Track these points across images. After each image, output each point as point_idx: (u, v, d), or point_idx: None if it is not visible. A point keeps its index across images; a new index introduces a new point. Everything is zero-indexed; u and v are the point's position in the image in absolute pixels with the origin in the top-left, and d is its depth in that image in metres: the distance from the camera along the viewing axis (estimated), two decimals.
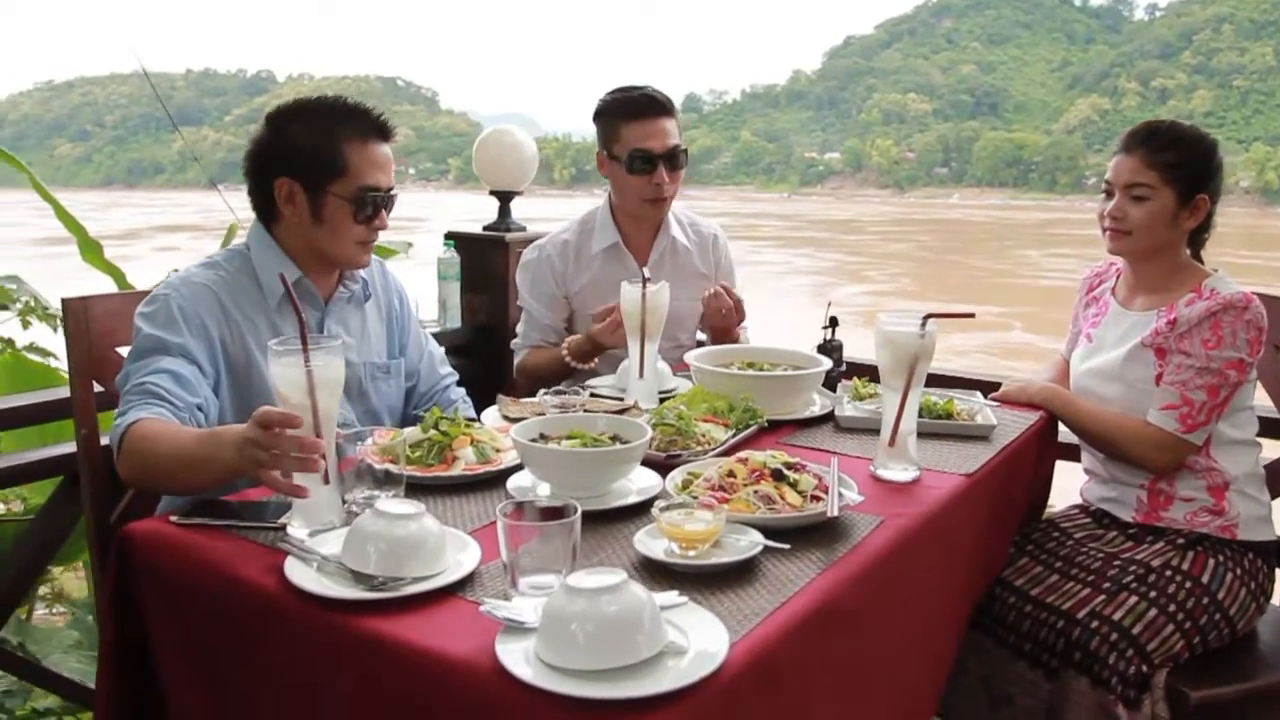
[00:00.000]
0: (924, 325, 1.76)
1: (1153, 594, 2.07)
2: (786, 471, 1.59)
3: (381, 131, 2.07)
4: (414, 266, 4.29)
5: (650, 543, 1.42)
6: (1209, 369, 2.09)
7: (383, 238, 2.18)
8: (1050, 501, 2.50)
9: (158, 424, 1.73)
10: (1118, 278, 2.39)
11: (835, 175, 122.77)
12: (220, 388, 1.95)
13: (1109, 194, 2.24)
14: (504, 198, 3.81)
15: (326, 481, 1.51)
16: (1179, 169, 2.16)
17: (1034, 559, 2.25)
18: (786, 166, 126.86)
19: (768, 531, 1.46)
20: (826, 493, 1.57)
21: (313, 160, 1.99)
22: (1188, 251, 2.27)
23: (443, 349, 2.53)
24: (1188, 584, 2.10)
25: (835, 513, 1.49)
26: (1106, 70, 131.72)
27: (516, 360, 2.92)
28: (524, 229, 3.72)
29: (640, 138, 2.67)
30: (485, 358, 3.72)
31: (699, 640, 1.16)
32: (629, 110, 2.70)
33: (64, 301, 2.16)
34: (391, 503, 1.40)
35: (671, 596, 1.24)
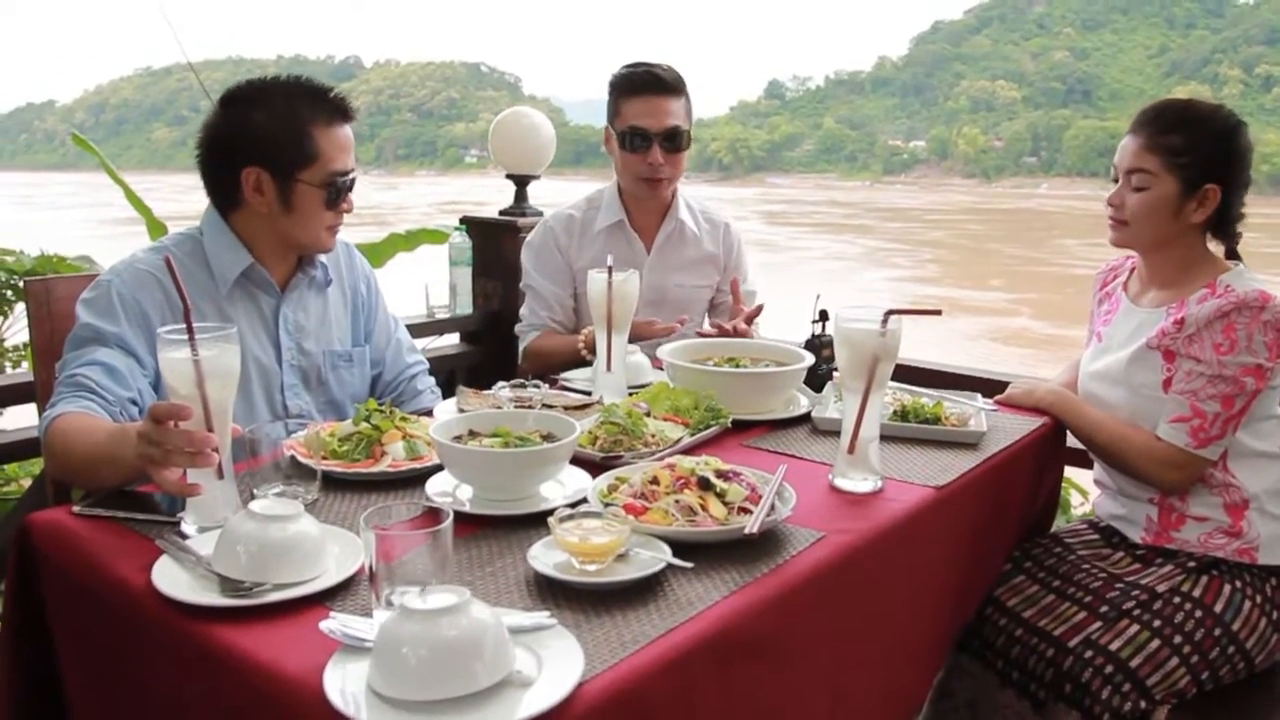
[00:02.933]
0: (885, 323, 1.60)
1: (1156, 623, 1.88)
2: (714, 480, 1.45)
3: (344, 113, 1.98)
4: None
5: (545, 555, 1.30)
6: (1222, 376, 1.89)
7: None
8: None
9: (79, 418, 1.67)
10: (1132, 272, 2.19)
11: (920, 164, 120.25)
12: (160, 379, 1.89)
13: (1115, 179, 2.04)
14: (520, 181, 3.72)
15: (221, 476, 1.43)
16: (1184, 155, 1.94)
17: (1030, 577, 2.07)
18: (870, 154, 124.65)
19: (681, 547, 1.33)
20: (757, 505, 1.43)
21: (281, 148, 1.91)
22: (1218, 245, 2.05)
23: (420, 343, 2.45)
24: (1197, 612, 1.90)
25: (755, 529, 1.35)
26: (1208, 56, 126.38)
27: (523, 343, 2.81)
28: (541, 214, 3.63)
29: (637, 114, 2.61)
30: (497, 344, 3.64)
31: (554, 670, 1.04)
32: (630, 86, 2.64)
33: (26, 283, 2.14)
34: (267, 502, 1.31)
35: (539, 618, 1.12)
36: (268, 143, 1.92)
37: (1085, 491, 3.09)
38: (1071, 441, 2.20)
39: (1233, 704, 1.92)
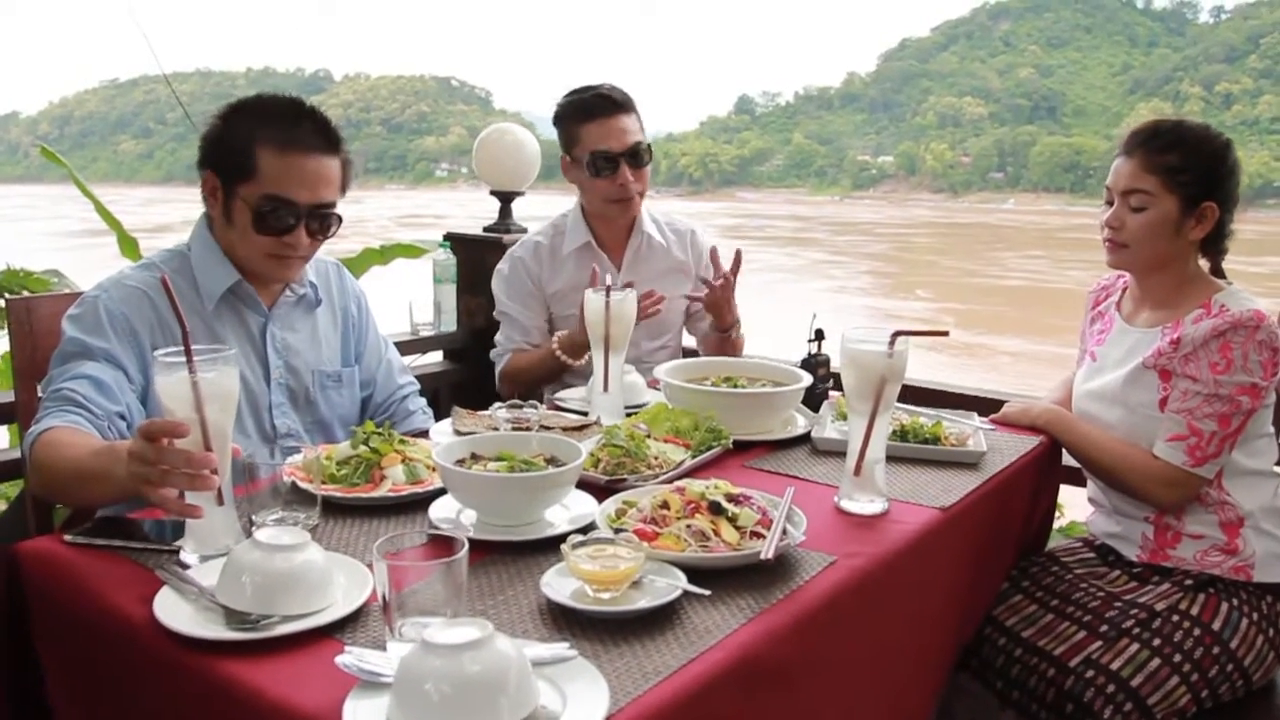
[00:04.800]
0: (892, 344, 1.60)
1: (1156, 641, 1.88)
2: (725, 504, 1.43)
3: (317, 142, 1.91)
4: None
5: (558, 583, 1.28)
6: (1218, 395, 1.90)
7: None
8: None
9: (66, 433, 1.63)
10: (1124, 291, 2.20)
11: (889, 179, 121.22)
12: (149, 396, 1.85)
13: (1109, 201, 2.05)
14: (505, 198, 3.70)
15: (221, 502, 1.39)
16: (1183, 174, 1.96)
17: (1029, 596, 2.07)
18: (839, 170, 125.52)
19: (695, 573, 1.31)
20: (769, 529, 1.41)
21: (228, 156, 1.89)
22: (1204, 263, 2.07)
23: (404, 358, 2.42)
24: (1196, 631, 1.91)
25: (770, 555, 1.33)
26: (1169, 74, 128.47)
27: (499, 368, 2.79)
28: (525, 230, 3.60)
29: (599, 138, 2.61)
30: (482, 362, 3.59)
31: (579, 705, 1.02)
32: (585, 111, 2.63)
33: (8, 302, 2.09)
34: (272, 531, 1.28)
35: (560, 649, 1.09)
36: (220, 148, 1.91)
37: (1061, 506, 3.11)
38: (1065, 459, 2.21)
39: None
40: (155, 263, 1.95)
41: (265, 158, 1.87)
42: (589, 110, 2.61)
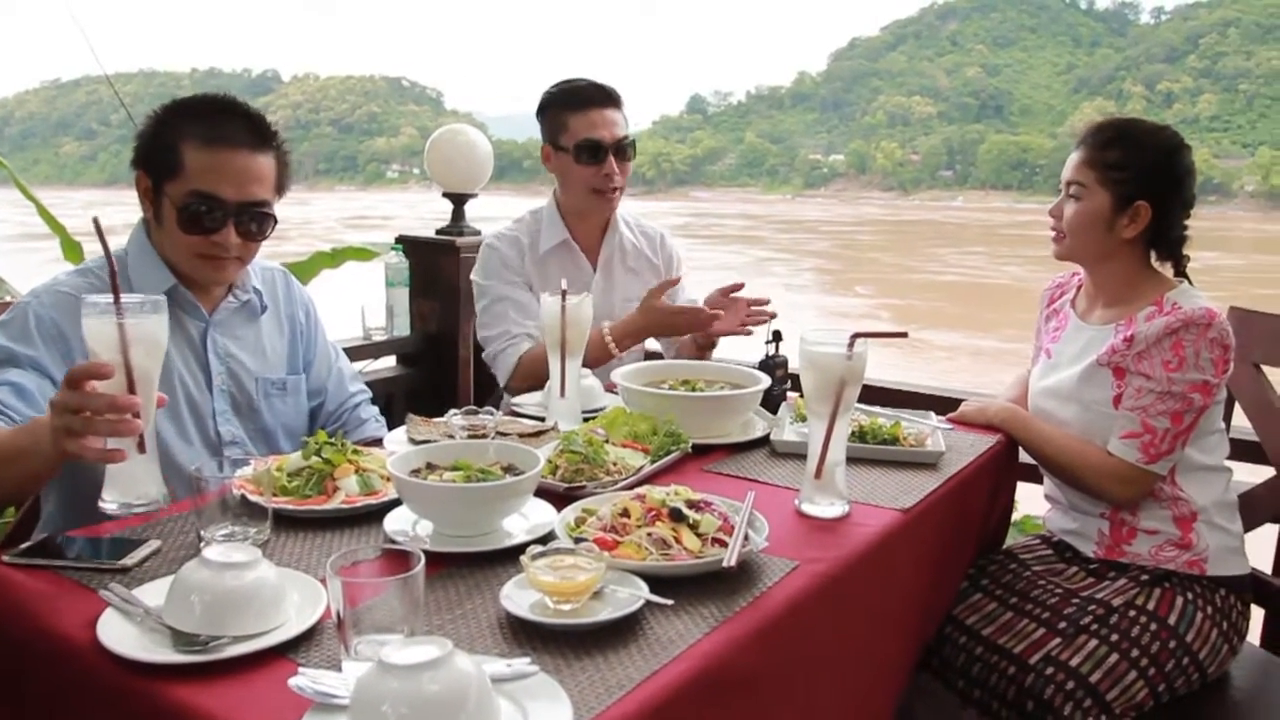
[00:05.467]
0: (851, 345, 1.59)
1: (1114, 637, 1.90)
2: (687, 511, 1.41)
3: (245, 139, 1.86)
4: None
5: (518, 595, 1.25)
6: (1171, 393, 1.92)
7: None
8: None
9: None
10: (1079, 289, 2.22)
11: (840, 177, 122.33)
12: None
13: (1060, 191, 2.09)
14: (457, 200, 3.65)
15: (143, 450, 1.39)
16: (1119, 170, 1.99)
17: (988, 594, 2.07)
18: (790, 169, 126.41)
19: (656, 582, 1.29)
20: (731, 535, 1.39)
21: (156, 154, 1.85)
22: (1165, 265, 2.09)
23: (355, 366, 2.37)
24: (1152, 625, 1.92)
25: (732, 562, 1.32)
26: (1112, 74, 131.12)
27: (511, 358, 2.59)
28: (478, 233, 3.57)
29: (588, 127, 2.60)
30: (435, 367, 3.57)
31: None
32: (577, 100, 2.63)
33: None
34: (221, 548, 1.24)
35: (521, 665, 1.07)
36: (149, 147, 1.87)
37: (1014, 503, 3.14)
38: (1022, 457, 2.22)
39: (1188, 714, 1.94)
40: (91, 268, 1.90)
41: (190, 153, 1.82)
42: (583, 99, 2.61)
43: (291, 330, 2.14)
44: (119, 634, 1.17)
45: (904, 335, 1.72)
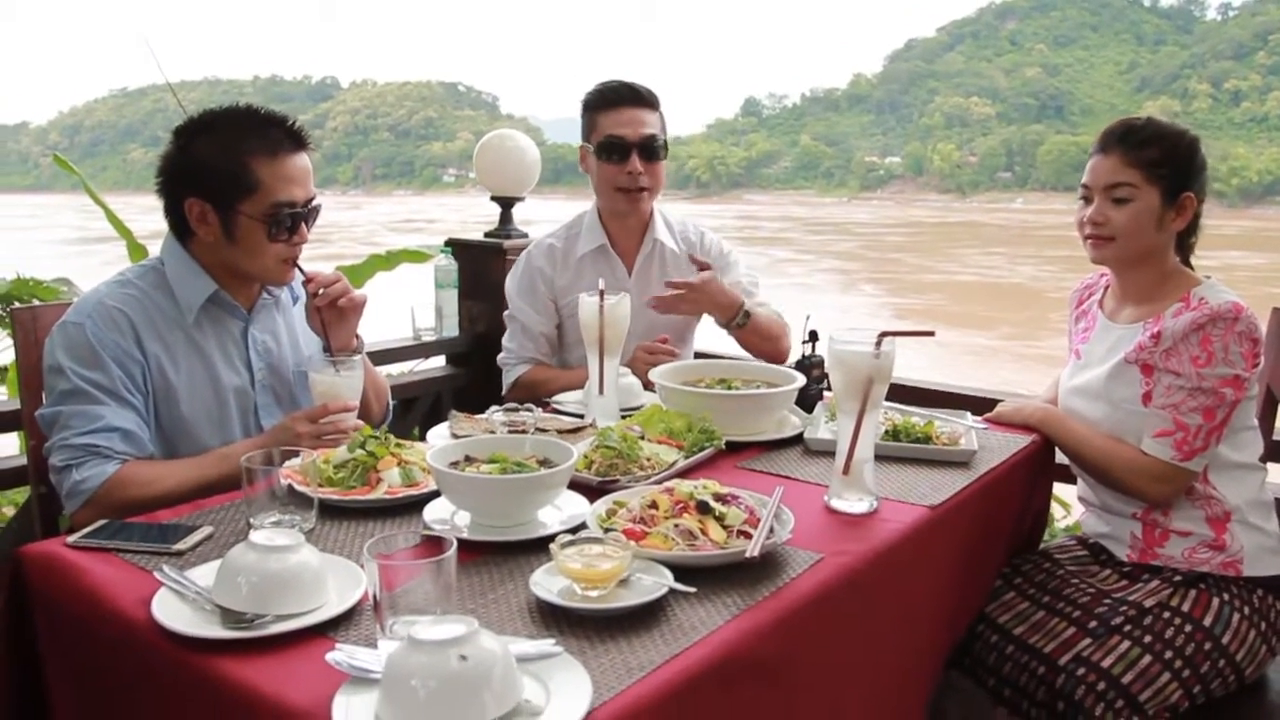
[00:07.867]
0: (879, 344, 1.62)
1: (1146, 638, 1.89)
2: (713, 504, 1.46)
3: (295, 141, 1.97)
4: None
5: (547, 581, 1.30)
6: (1201, 389, 1.91)
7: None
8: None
9: (143, 466, 1.82)
10: (1106, 289, 2.22)
11: (896, 179, 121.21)
12: (153, 397, 1.93)
13: (1087, 199, 2.08)
14: (505, 203, 3.72)
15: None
16: (1162, 166, 1.99)
17: (1020, 594, 2.08)
18: (846, 171, 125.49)
19: (681, 571, 1.33)
20: (756, 528, 1.43)
21: (220, 179, 1.91)
22: (1177, 258, 2.09)
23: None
24: (1187, 627, 1.92)
25: (756, 553, 1.36)
26: (1177, 72, 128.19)
27: (511, 375, 2.76)
28: (525, 235, 3.63)
29: (613, 125, 2.63)
30: (483, 366, 3.63)
31: (562, 699, 1.04)
32: (604, 100, 2.67)
33: (12, 312, 2.12)
34: (267, 533, 1.31)
35: (545, 645, 1.12)
36: (206, 173, 1.93)
37: (1068, 505, 3.12)
38: (1059, 458, 2.23)
39: (1224, 716, 1.93)
40: (131, 280, 1.98)
41: (261, 169, 1.91)
42: (610, 98, 2.65)
43: None
44: (172, 611, 1.25)
45: (930, 334, 1.75)
